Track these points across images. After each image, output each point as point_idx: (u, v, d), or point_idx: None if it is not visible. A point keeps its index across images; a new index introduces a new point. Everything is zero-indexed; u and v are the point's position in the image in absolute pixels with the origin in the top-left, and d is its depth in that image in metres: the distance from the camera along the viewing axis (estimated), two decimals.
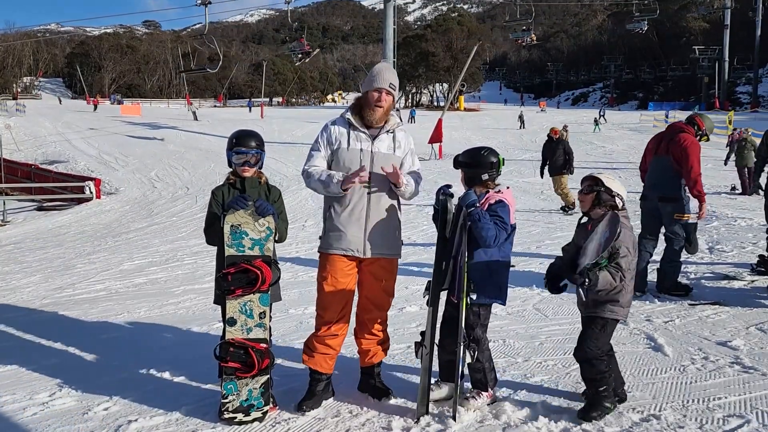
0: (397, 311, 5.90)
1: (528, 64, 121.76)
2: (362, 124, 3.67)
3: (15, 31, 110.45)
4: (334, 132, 3.69)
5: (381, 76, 3.62)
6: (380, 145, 3.65)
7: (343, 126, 3.70)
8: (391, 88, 3.63)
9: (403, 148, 3.75)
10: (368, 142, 3.64)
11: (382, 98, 3.61)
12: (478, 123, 48.19)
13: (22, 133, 38.05)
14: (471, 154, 3.68)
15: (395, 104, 3.87)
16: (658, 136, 6.38)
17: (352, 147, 3.63)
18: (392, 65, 27.93)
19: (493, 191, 3.62)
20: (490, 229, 3.45)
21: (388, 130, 3.69)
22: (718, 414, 3.49)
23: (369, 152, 3.62)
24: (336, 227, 3.64)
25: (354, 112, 3.70)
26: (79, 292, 7.76)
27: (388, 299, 3.79)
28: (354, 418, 3.55)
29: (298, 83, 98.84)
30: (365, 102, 3.66)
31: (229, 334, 3.51)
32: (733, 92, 70.56)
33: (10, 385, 4.26)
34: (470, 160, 3.65)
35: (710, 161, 22.20)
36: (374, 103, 3.61)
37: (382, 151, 3.65)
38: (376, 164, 3.62)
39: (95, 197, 21.59)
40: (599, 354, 3.43)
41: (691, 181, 5.96)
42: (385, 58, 28.06)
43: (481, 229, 3.44)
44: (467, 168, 3.66)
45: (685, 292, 6.10)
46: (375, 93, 3.61)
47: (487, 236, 3.45)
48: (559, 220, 11.83)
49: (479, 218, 3.44)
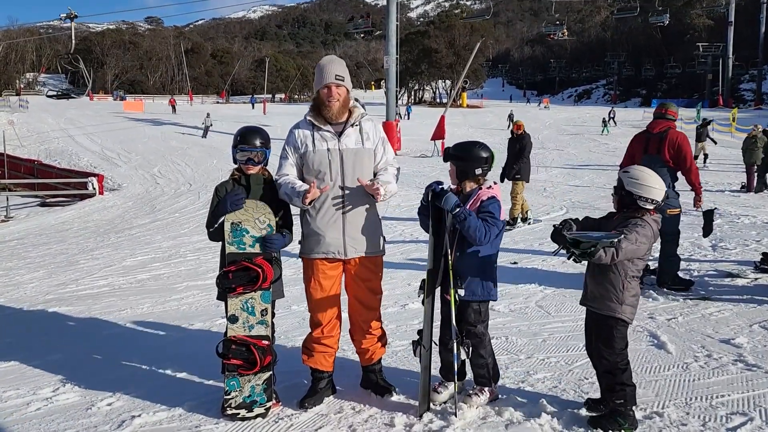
0: (400, 308, 5.91)
1: (531, 60, 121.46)
2: (325, 122, 3.60)
3: (18, 27, 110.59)
4: (299, 136, 3.63)
5: (326, 71, 3.54)
6: (347, 140, 3.58)
7: (306, 128, 3.63)
8: (339, 80, 3.53)
9: (372, 139, 3.66)
10: (334, 140, 3.57)
11: (332, 92, 3.53)
12: (480, 120, 48.10)
13: (24, 129, 38.07)
14: (464, 148, 3.63)
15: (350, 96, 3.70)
16: (643, 136, 6.46)
17: (318, 148, 3.56)
18: (394, 61, 27.85)
19: (485, 187, 3.60)
20: (479, 228, 3.41)
21: (353, 123, 3.61)
22: (722, 412, 3.49)
23: (337, 150, 3.56)
24: (313, 231, 3.59)
25: (315, 112, 3.62)
26: (82, 288, 7.78)
27: (376, 298, 3.76)
28: (357, 414, 3.56)
29: (301, 80, 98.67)
30: (320, 101, 3.59)
31: (231, 332, 3.52)
32: (736, 89, 70.31)
33: (14, 380, 4.28)
34: (463, 154, 3.60)
35: (714, 158, 22.15)
36: (327, 99, 3.55)
37: (350, 146, 3.58)
38: (347, 161, 3.56)
39: (98, 193, 21.60)
40: (616, 361, 3.35)
41: (692, 175, 6.11)
42: (387, 54, 27.99)
43: (469, 228, 3.39)
44: (460, 162, 3.60)
45: (686, 287, 6.14)
46: (324, 90, 3.54)
47: (477, 235, 3.41)
48: (562, 217, 11.79)
49: (465, 218, 3.39)
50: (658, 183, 3.37)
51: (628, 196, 3.38)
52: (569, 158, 24.33)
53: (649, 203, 3.36)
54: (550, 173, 20.10)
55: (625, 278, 3.35)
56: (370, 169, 3.65)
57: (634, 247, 3.25)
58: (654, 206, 3.37)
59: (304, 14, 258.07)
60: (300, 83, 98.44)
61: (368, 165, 3.63)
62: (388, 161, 3.73)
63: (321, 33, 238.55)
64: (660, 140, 6.19)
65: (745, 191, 14.52)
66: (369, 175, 3.62)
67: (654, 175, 3.39)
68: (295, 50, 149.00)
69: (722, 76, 65.84)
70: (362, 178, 3.55)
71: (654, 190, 3.35)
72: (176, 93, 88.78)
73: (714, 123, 22.23)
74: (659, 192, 3.35)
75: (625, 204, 3.40)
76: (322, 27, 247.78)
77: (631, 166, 3.56)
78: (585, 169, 20.36)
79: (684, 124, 34.84)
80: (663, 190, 3.36)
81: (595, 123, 40.26)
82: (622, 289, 3.36)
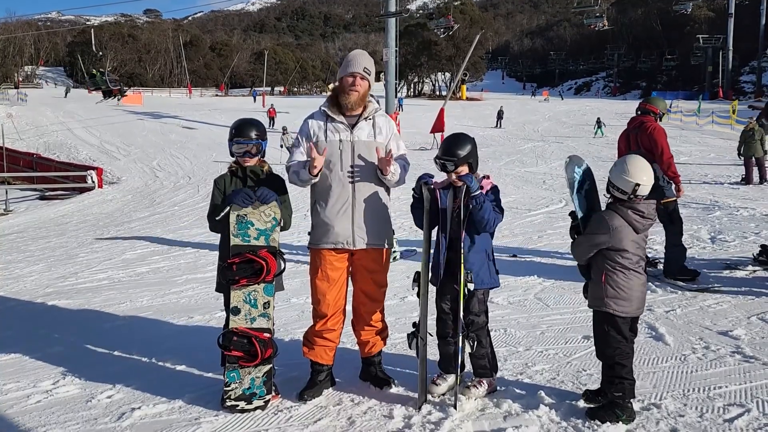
0: (399, 300, 5.92)
1: (530, 53, 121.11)
2: (340, 113, 3.63)
3: (16, 20, 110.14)
4: (312, 126, 3.67)
5: (356, 61, 3.58)
6: (360, 133, 3.61)
7: (321, 119, 3.66)
8: (366, 73, 3.57)
9: (385, 133, 3.69)
10: (347, 132, 3.60)
11: (356, 82, 3.56)
12: (480, 112, 48.02)
13: (23, 122, 38.02)
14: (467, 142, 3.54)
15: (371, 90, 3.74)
16: (625, 133, 6.57)
17: (330, 139, 3.59)
18: (394, 53, 27.74)
19: (483, 177, 3.60)
20: (493, 212, 3.47)
21: (366, 117, 3.64)
22: (719, 403, 3.50)
23: (348, 142, 3.59)
24: (323, 221, 3.62)
25: (331, 103, 3.66)
26: (81, 281, 7.79)
27: (381, 290, 3.79)
28: (356, 406, 3.57)
29: (300, 72, 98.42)
30: (340, 88, 3.63)
31: (233, 323, 3.52)
32: (736, 81, 70.13)
33: (14, 373, 4.29)
34: (473, 148, 3.55)
35: (714, 151, 22.14)
36: (348, 88, 3.57)
37: (362, 139, 3.60)
38: (358, 153, 3.59)
39: (97, 186, 21.62)
40: (612, 355, 3.35)
41: (664, 165, 6.11)
42: (387, 47, 27.88)
43: (485, 212, 3.43)
44: (471, 157, 3.53)
45: (692, 277, 6.17)
46: (349, 78, 3.57)
47: (489, 218, 3.46)
48: (561, 209, 11.82)
49: (484, 201, 3.44)
50: (630, 173, 3.31)
51: (609, 183, 3.42)
52: (569, 151, 24.32)
53: (618, 192, 3.36)
54: (549, 165, 20.12)
55: (607, 270, 3.34)
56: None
57: (577, 243, 3.40)
58: (626, 196, 3.34)
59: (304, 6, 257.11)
60: (299, 76, 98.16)
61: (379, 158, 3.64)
62: (401, 155, 3.75)
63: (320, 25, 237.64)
64: (637, 135, 6.33)
65: (744, 183, 14.52)
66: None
67: (633, 165, 3.34)
68: (294, 43, 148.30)
69: (722, 68, 65.67)
70: (373, 171, 3.58)
71: (622, 179, 3.33)
72: (175, 86, 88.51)
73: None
74: (627, 182, 3.31)
75: (608, 191, 3.43)
76: (321, 19, 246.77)
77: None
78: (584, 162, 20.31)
79: (684, 116, 34.88)
80: (633, 181, 3.29)
81: (595, 115, 40.14)
82: (602, 282, 3.35)
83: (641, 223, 3.34)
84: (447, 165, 3.48)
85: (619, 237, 3.31)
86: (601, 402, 3.42)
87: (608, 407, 3.34)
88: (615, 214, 3.35)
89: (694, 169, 17.29)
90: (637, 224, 3.33)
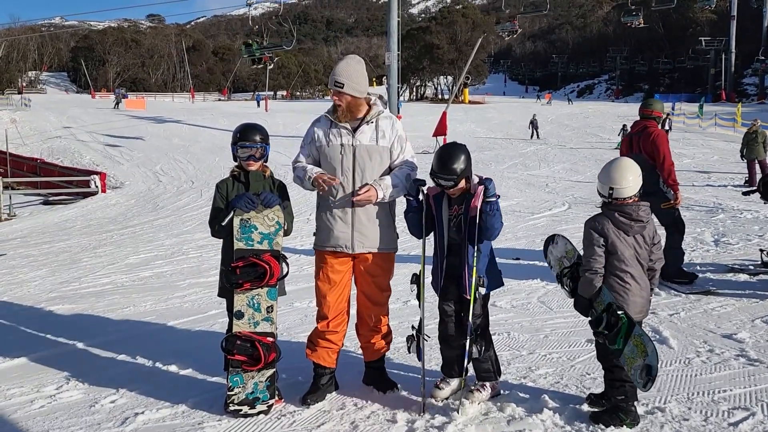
0: (402, 304, 5.92)
1: (533, 56, 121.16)
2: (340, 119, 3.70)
3: (20, 25, 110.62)
4: (317, 130, 3.75)
5: (333, 74, 3.63)
6: (361, 137, 3.64)
7: (325, 123, 3.73)
8: (337, 87, 3.59)
9: (388, 137, 3.70)
10: (349, 136, 3.64)
11: (336, 97, 3.64)
12: (482, 115, 48.00)
13: (27, 127, 38.11)
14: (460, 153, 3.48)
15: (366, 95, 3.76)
16: (628, 137, 6.62)
17: (333, 143, 3.65)
18: (396, 57, 27.79)
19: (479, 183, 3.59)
20: (500, 219, 3.50)
21: (368, 121, 3.67)
22: (723, 407, 3.49)
23: (350, 146, 3.62)
24: (325, 224, 3.67)
25: (334, 109, 3.73)
26: (85, 286, 7.80)
27: (383, 294, 3.79)
28: (359, 410, 3.57)
29: (303, 77, 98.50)
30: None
31: (236, 327, 3.53)
32: (739, 84, 70.02)
33: (17, 377, 4.29)
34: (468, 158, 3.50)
35: (717, 153, 22.11)
36: (335, 102, 3.67)
37: (363, 143, 3.63)
38: (359, 157, 3.62)
39: (101, 191, 21.65)
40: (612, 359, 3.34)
41: (665, 172, 6.12)
42: (389, 50, 27.93)
43: (496, 220, 3.46)
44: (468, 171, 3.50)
45: (689, 280, 6.16)
46: (332, 92, 3.66)
47: (498, 226, 3.49)
48: (564, 213, 11.80)
49: (498, 207, 3.46)
50: (606, 177, 3.33)
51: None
52: (571, 154, 24.30)
53: (600, 195, 3.40)
54: (552, 169, 20.10)
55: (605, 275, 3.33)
56: (384, 166, 3.68)
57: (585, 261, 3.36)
58: (606, 199, 3.36)
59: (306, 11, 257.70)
60: (302, 80, 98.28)
61: (381, 162, 3.66)
62: (406, 160, 3.75)
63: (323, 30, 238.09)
64: (639, 139, 6.35)
65: (747, 186, 14.49)
66: (382, 172, 3.66)
67: (610, 169, 3.35)
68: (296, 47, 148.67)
69: (725, 70, 65.56)
70: (374, 175, 3.61)
71: (599, 183, 3.38)
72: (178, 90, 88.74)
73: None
74: (602, 186, 3.35)
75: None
76: (324, 24, 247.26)
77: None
78: (587, 165, 20.32)
79: (686, 119, 34.84)
80: (607, 185, 3.31)
81: (597, 118, 40.10)
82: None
83: (629, 225, 3.31)
84: (446, 184, 3.48)
85: (610, 240, 3.31)
86: (604, 405, 3.41)
87: (612, 411, 3.33)
88: (601, 215, 3.38)
89: (697, 171, 17.24)
90: (625, 226, 3.31)
